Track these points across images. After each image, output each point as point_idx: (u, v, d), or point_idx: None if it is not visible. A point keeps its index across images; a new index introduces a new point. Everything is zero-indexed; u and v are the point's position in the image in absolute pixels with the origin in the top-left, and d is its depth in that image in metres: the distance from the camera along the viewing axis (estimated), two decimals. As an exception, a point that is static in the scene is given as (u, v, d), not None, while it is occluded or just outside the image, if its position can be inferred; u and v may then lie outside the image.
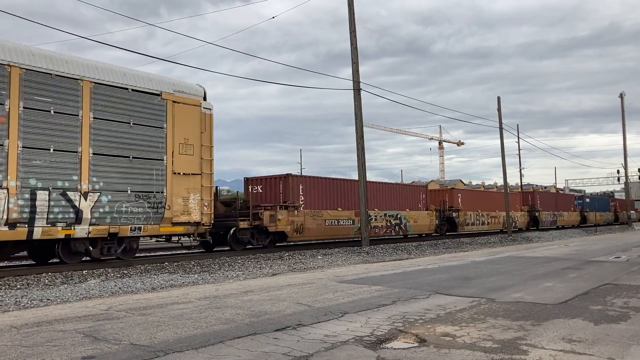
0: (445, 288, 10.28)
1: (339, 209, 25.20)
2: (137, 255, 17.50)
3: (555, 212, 49.59)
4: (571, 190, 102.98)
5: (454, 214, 35.23)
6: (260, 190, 24.07)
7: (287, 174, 23.51)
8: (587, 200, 60.03)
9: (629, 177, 63.66)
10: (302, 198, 23.57)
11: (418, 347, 5.74)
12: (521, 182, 69.93)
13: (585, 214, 56.42)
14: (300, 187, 23.63)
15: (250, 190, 24.38)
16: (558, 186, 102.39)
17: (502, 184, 39.77)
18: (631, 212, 64.64)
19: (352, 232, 25.71)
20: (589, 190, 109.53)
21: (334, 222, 24.68)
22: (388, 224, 28.47)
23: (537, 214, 45.92)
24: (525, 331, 6.44)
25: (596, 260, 16.21)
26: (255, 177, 24.94)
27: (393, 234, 29.09)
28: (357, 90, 23.59)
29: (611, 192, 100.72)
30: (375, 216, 27.32)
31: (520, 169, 67.58)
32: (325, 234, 24.63)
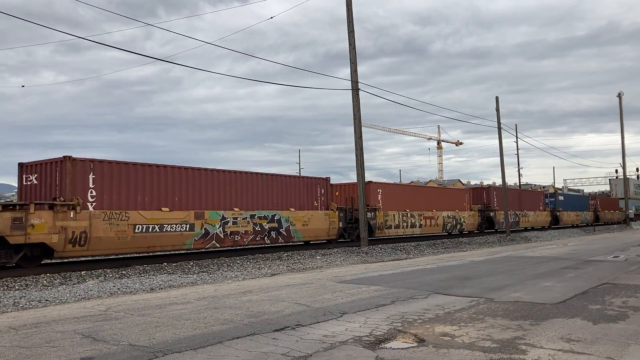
0: (444, 288, 10.28)
1: (165, 209, 17.79)
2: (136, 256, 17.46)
3: (518, 212, 42.39)
4: (569, 189, 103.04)
5: (370, 215, 26.79)
6: (35, 182, 16.63)
7: (65, 157, 15.92)
8: (561, 198, 52.13)
9: (627, 176, 63.73)
10: (93, 193, 16.17)
11: (417, 347, 5.74)
12: (519, 182, 70.00)
13: (558, 213, 48.94)
14: (91, 177, 16.23)
15: (23, 181, 17.13)
16: (557, 186, 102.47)
17: (501, 183, 39.80)
18: (613, 211, 64.05)
19: (190, 241, 18.43)
20: (587, 189, 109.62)
21: (154, 228, 17.22)
22: (257, 228, 20.94)
23: (492, 213, 39.10)
24: (524, 331, 6.44)
25: (595, 260, 16.23)
26: (31, 162, 17.02)
27: (267, 241, 21.37)
28: (355, 90, 23.60)
29: (609, 191, 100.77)
30: (235, 218, 20.08)
31: (519, 169, 67.68)
32: (135, 245, 16.82)
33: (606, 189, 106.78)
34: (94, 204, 16.16)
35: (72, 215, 15.31)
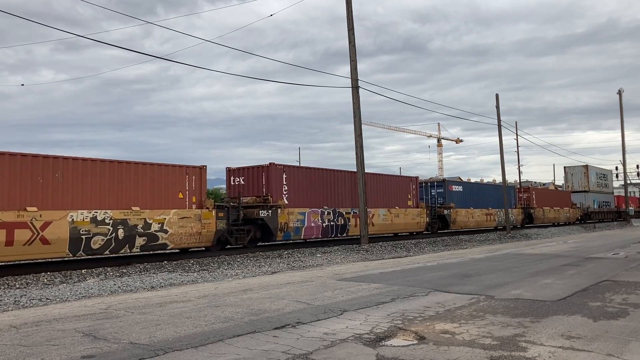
0: (444, 285, 10.29)
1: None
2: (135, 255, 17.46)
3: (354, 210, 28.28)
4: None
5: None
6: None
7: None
8: (457, 188, 35.55)
9: (628, 173, 63.71)
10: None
11: (417, 344, 5.75)
12: (520, 179, 69.99)
13: (446, 212, 33.68)
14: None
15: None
16: (557, 183, 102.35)
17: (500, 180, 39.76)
18: (559, 209, 49.62)
19: None
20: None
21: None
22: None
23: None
24: (524, 328, 6.45)
25: (595, 257, 16.24)
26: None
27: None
28: (355, 88, 23.58)
29: (565, 183, 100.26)
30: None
31: (519, 166, 67.63)
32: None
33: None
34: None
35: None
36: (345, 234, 25.42)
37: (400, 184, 30.21)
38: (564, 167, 62.86)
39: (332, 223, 24.59)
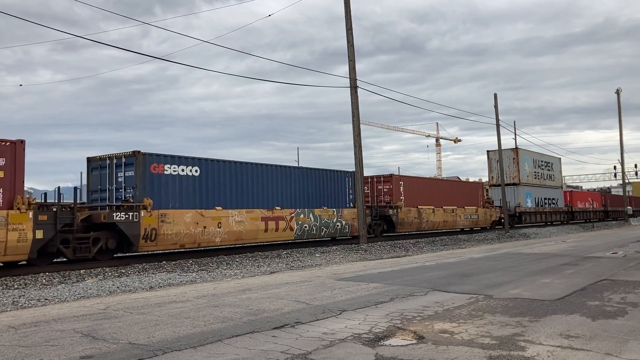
0: (443, 285, 10.30)
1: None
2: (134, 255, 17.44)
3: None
4: (568, 186, 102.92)
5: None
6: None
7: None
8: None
9: (626, 172, 63.78)
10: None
11: (416, 344, 5.75)
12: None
13: (391, 212, 28.23)
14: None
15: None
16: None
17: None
18: (455, 210, 34.19)
19: None
20: (586, 186, 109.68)
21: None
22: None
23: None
24: (523, 327, 6.46)
25: (593, 256, 16.26)
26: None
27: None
28: (354, 87, 23.58)
29: (608, 188, 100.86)
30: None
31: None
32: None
33: (605, 186, 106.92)
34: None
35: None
36: None
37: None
38: (487, 152, 45.01)
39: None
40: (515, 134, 54.13)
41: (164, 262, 16.75)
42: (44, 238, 14.24)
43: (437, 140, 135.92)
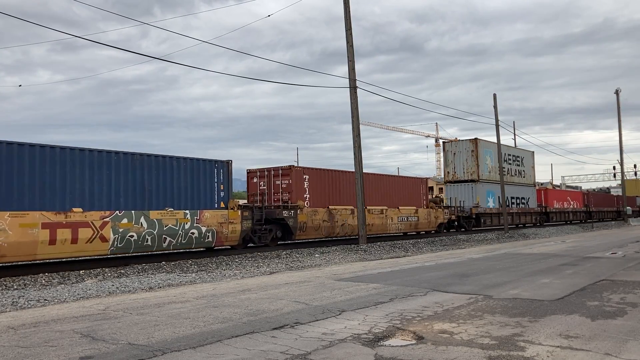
0: (443, 285, 10.30)
1: None
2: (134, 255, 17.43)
3: None
4: (567, 186, 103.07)
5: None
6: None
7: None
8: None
9: (625, 173, 63.83)
10: None
11: (416, 344, 5.75)
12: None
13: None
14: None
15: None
16: (555, 183, 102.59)
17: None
18: (376, 209, 29.80)
19: None
20: (585, 186, 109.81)
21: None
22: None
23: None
24: (522, 327, 6.46)
25: (593, 257, 16.27)
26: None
27: None
28: (353, 88, 23.58)
29: (607, 188, 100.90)
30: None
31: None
32: None
33: (604, 186, 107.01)
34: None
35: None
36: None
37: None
38: (443, 144, 40.09)
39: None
40: (514, 134, 54.15)
41: (163, 262, 16.74)
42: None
43: (436, 141, 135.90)
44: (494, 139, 38.85)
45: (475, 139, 38.14)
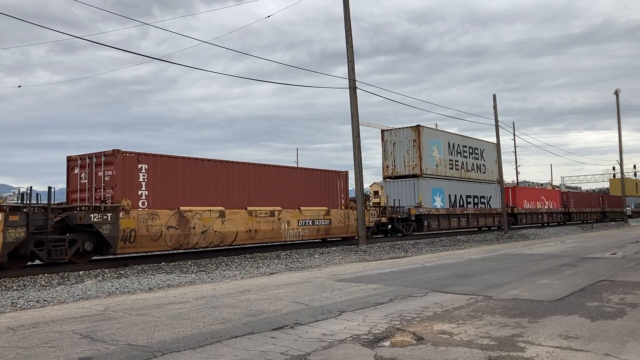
0: (442, 286, 10.30)
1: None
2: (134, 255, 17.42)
3: None
4: (567, 187, 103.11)
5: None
6: None
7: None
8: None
9: (625, 173, 63.84)
10: None
11: (415, 345, 5.75)
12: (517, 179, 70.12)
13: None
14: None
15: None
16: (554, 183, 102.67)
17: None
18: (263, 210, 21.88)
19: None
20: (584, 187, 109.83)
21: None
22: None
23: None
24: (522, 328, 6.46)
25: (592, 257, 16.27)
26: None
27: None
28: (353, 88, 23.60)
29: (606, 188, 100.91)
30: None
31: (517, 166, 67.72)
32: None
33: (603, 187, 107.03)
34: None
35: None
36: None
37: None
38: (381, 132, 34.47)
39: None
40: (514, 135, 54.17)
41: (163, 263, 16.73)
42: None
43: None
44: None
45: (418, 126, 31.82)
